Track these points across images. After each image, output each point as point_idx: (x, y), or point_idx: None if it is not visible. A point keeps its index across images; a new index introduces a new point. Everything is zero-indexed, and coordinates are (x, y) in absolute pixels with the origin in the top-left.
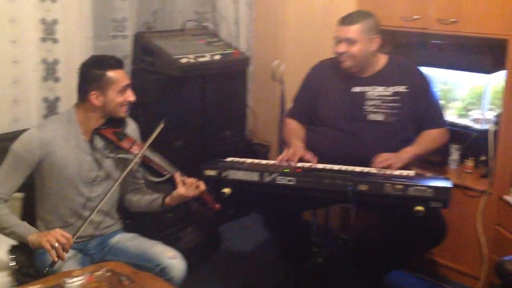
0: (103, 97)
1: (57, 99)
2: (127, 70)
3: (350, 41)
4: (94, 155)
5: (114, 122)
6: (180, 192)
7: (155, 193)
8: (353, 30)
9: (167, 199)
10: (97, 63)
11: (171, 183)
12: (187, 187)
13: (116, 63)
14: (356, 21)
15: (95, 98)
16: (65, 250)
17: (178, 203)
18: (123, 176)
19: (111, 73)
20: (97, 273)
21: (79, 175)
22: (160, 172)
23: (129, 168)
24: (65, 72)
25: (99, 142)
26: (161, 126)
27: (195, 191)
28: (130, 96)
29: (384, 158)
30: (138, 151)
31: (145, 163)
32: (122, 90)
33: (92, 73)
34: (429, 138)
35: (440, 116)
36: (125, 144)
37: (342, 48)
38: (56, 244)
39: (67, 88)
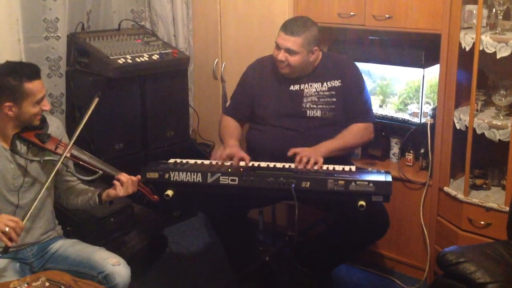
0: (17, 108)
1: None
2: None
3: (291, 52)
4: (18, 162)
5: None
6: (120, 194)
7: (90, 190)
8: (295, 42)
9: (104, 196)
10: (13, 72)
11: (104, 180)
12: (126, 187)
13: (34, 73)
14: (299, 33)
15: (8, 109)
16: (16, 233)
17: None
18: (50, 179)
19: (28, 85)
20: (35, 283)
21: (5, 184)
22: (91, 170)
23: (55, 170)
24: None
25: (21, 147)
26: (96, 101)
27: (134, 188)
28: (46, 105)
29: (304, 160)
30: (64, 151)
31: (74, 163)
32: (39, 101)
33: (7, 83)
34: (353, 132)
35: (368, 111)
36: (49, 145)
37: (282, 56)
38: (7, 229)
39: None
